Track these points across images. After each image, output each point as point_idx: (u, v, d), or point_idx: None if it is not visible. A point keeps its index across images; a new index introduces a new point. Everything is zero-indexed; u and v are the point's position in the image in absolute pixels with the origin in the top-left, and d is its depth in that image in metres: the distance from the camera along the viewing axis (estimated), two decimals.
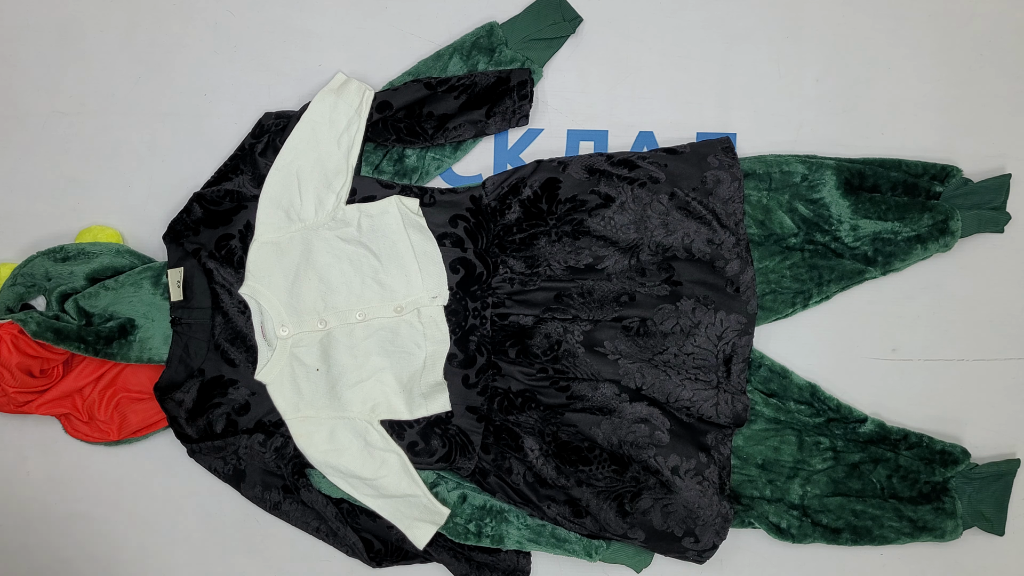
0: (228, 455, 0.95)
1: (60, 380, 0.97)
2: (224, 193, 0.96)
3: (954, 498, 0.92)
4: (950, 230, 0.93)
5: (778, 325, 0.97)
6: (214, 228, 0.96)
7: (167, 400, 0.95)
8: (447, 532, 0.93)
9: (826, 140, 0.98)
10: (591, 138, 0.99)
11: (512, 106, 0.97)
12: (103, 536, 1.01)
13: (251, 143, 0.97)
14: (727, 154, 0.94)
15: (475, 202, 0.95)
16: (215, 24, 1.02)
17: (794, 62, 0.99)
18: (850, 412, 0.94)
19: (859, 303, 0.97)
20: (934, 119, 0.98)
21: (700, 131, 0.99)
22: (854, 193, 0.94)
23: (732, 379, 0.91)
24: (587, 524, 0.91)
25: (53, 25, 1.03)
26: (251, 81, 1.01)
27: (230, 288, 0.95)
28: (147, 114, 1.02)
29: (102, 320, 0.94)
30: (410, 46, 1.00)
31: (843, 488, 0.94)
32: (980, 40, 0.98)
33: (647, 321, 0.92)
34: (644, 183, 0.93)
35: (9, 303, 0.96)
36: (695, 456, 0.91)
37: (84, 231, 1.00)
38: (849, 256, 0.94)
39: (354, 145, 0.96)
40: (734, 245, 0.92)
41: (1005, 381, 0.97)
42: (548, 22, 0.98)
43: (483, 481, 0.93)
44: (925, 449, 0.93)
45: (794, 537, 0.94)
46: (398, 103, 0.95)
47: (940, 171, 0.95)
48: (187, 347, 0.95)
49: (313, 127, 0.95)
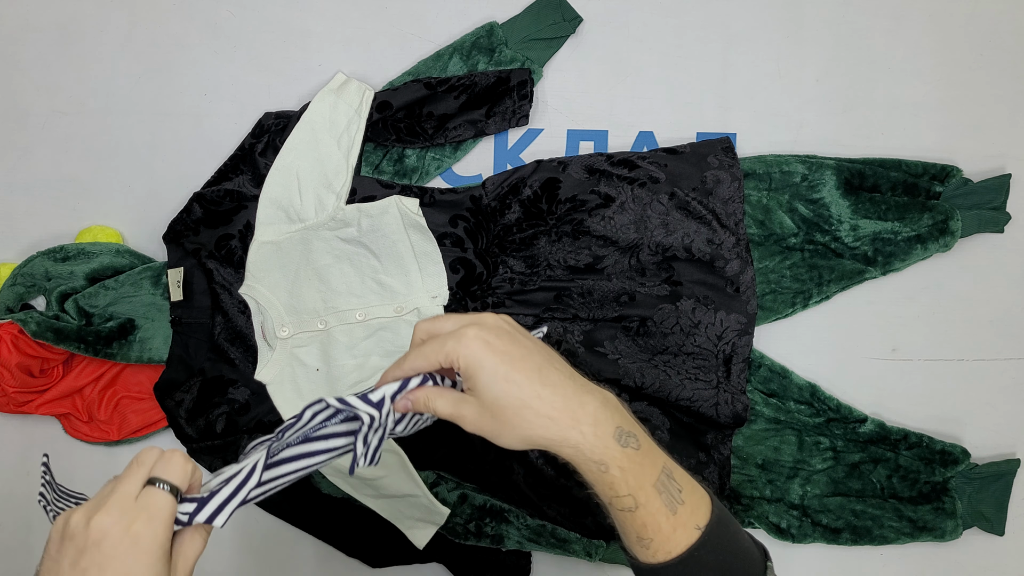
0: (228, 455, 0.95)
1: (60, 380, 0.97)
2: (224, 193, 0.96)
3: (954, 498, 0.92)
4: (950, 230, 0.93)
5: (778, 325, 0.97)
6: (214, 228, 0.96)
7: (167, 400, 0.95)
8: (447, 532, 0.93)
9: (826, 140, 0.98)
10: (591, 138, 0.99)
11: (512, 106, 0.97)
12: None
13: (251, 143, 0.97)
14: (727, 154, 0.94)
15: (475, 202, 0.95)
16: (215, 24, 1.02)
17: (794, 62, 0.99)
18: (850, 412, 0.94)
19: (859, 303, 0.97)
20: (934, 119, 0.98)
21: (700, 131, 0.99)
22: (854, 193, 0.94)
23: (732, 379, 0.91)
24: (587, 524, 0.91)
25: (53, 25, 1.03)
26: (251, 81, 1.01)
27: (230, 288, 0.95)
28: (147, 114, 1.02)
29: (102, 320, 0.95)
30: (410, 46, 1.00)
31: (843, 488, 0.94)
32: (980, 40, 0.98)
33: (647, 321, 0.92)
34: (644, 183, 0.93)
35: (9, 303, 0.96)
36: (695, 456, 0.91)
37: (84, 231, 1.00)
38: (849, 256, 0.94)
39: (354, 145, 0.96)
40: (734, 245, 0.92)
41: (1005, 381, 0.97)
42: (548, 22, 0.98)
43: (483, 481, 0.93)
44: (925, 449, 0.93)
45: (794, 537, 0.94)
46: (398, 103, 0.95)
47: (940, 171, 0.95)
48: (187, 347, 0.95)
49: (313, 127, 0.95)
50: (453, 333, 0.58)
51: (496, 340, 0.57)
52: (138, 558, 0.51)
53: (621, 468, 0.56)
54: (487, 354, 0.57)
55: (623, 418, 0.58)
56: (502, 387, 0.56)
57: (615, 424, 0.56)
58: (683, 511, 0.57)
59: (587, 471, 0.57)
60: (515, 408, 0.56)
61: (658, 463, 0.58)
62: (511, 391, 0.56)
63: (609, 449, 0.56)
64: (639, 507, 0.57)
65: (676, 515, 0.57)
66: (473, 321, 0.59)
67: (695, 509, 0.58)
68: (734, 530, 0.60)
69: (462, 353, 0.57)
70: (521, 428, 0.57)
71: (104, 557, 0.50)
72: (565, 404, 0.56)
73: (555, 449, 0.57)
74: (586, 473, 0.57)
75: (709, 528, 0.58)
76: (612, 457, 0.56)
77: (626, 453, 0.56)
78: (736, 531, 0.61)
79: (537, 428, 0.56)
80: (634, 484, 0.56)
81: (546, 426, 0.56)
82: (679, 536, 0.57)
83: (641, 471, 0.56)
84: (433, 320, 0.61)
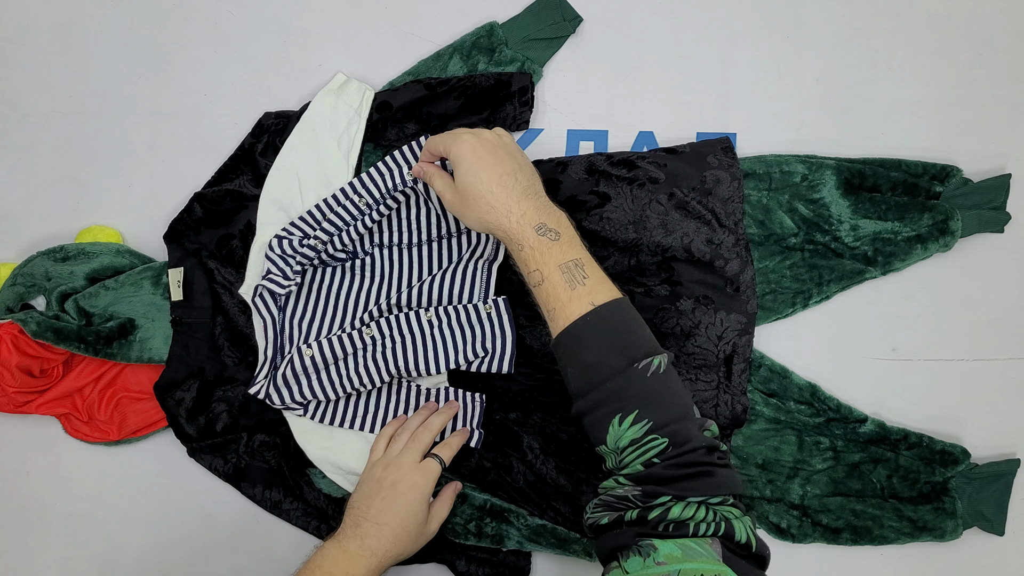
0: (228, 454, 0.95)
1: (60, 380, 0.97)
2: (224, 193, 0.96)
3: (954, 498, 0.92)
4: (950, 230, 0.93)
5: (778, 325, 0.97)
6: (215, 228, 0.96)
7: (167, 399, 0.95)
8: (447, 532, 0.93)
9: (826, 140, 0.98)
10: (591, 138, 0.99)
11: (513, 112, 0.97)
12: (103, 536, 1.01)
13: (251, 143, 0.97)
14: (727, 154, 0.94)
15: None
16: (215, 24, 1.02)
17: (794, 62, 0.99)
18: (850, 412, 0.94)
19: (859, 303, 0.97)
20: (934, 119, 0.98)
21: (700, 131, 0.99)
22: (854, 193, 0.94)
23: (733, 379, 0.91)
24: None
25: (53, 25, 1.03)
26: (251, 81, 1.01)
27: (231, 288, 0.95)
28: (147, 114, 1.02)
29: (102, 320, 0.95)
30: (410, 46, 1.00)
31: (843, 488, 0.94)
32: (980, 40, 0.98)
33: (647, 321, 0.92)
34: (643, 183, 0.93)
35: (9, 303, 0.96)
36: None
37: (84, 231, 1.00)
38: (849, 256, 0.94)
39: (354, 145, 0.96)
40: (734, 245, 0.92)
41: (1005, 381, 0.97)
42: (548, 22, 0.98)
43: (483, 480, 0.93)
44: (925, 449, 0.93)
45: (794, 537, 0.94)
46: (398, 103, 0.95)
47: (940, 171, 0.95)
48: (187, 347, 0.95)
49: (313, 127, 0.95)
50: (455, 134, 0.80)
51: (480, 147, 0.78)
52: (416, 498, 0.84)
53: (532, 248, 0.74)
54: (467, 154, 0.77)
55: (554, 220, 0.76)
56: (469, 179, 0.77)
57: (539, 220, 0.75)
58: (581, 290, 0.73)
59: (512, 251, 0.76)
60: (473, 196, 0.77)
61: (570, 255, 0.74)
62: (474, 183, 0.77)
63: (525, 234, 0.74)
64: (544, 281, 0.74)
65: (574, 291, 0.73)
66: (472, 131, 0.80)
67: (594, 291, 0.73)
68: (633, 318, 0.74)
69: (452, 148, 0.79)
70: (476, 211, 0.77)
71: (397, 493, 0.84)
72: (506, 200, 0.76)
73: (494, 232, 0.77)
74: (511, 253, 0.77)
75: (604, 307, 0.72)
76: (526, 239, 0.74)
77: (540, 239, 0.74)
78: (636, 322, 0.74)
79: (483, 213, 0.77)
80: (540, 261, 0.73)
81: (488, 212, 0.76)
82: (574, 307, 0.73)
83: (549, 253, 0.74)
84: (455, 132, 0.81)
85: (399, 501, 0.83)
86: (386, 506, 0.83)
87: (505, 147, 0.80)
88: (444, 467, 0.88)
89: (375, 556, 0.81)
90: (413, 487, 0.84)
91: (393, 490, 0.84)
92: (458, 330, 0.90)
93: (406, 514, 0.83)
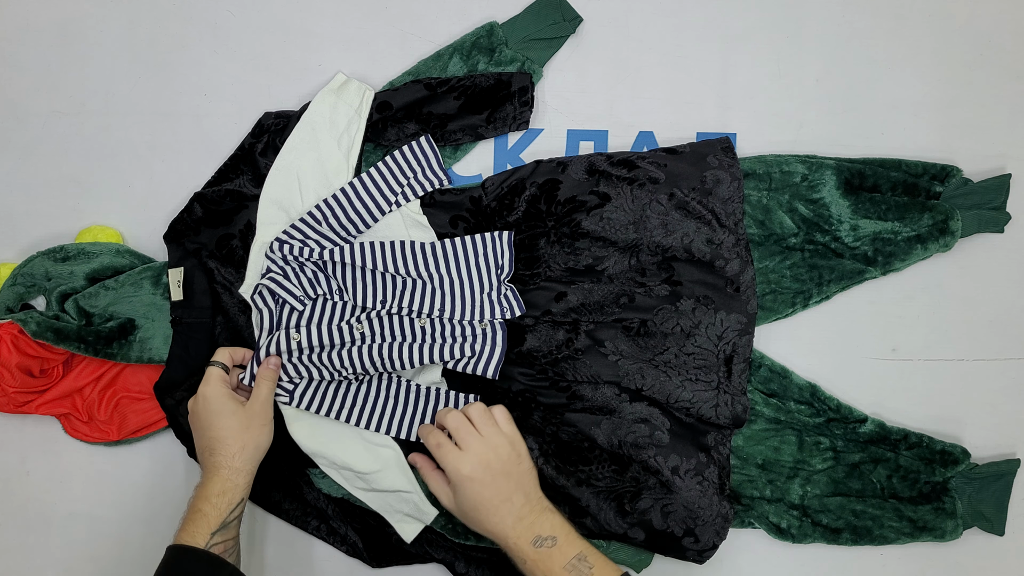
0: None
1: (60, 380, 0.97)
2: (224, 193, 0.96)
3: (954, 498, 0.92)
4: (950, 230, 0.93)
5: (778, 325, 0.97)
6: (215, 228, 0.96)
7: (167, 399, 0.95)
8: (447, 532, 0.93)
9: (826, 140, 0.98)
10: (591, 138, 0.99)
11: (513, 112, 0.97)
12: (103, 536, 1.01)
13: (251, 143, 0.97)
14: (727, 154, 0.94)
15: (474, 203, 0.95)
16: (215, 24, 1.02)
17: (794, 62, 0.99)
18: (850, 412, 0.94)
19: (859, 303, 0.97)
20: (934, 119, 0.98)
21: (700, 131, 0.99)
22: (854, 193, 0.94)
23: (733, 379, 0.91)
24: (587, 524, 0.91)
25: (53, 25, 1.03)
26: (251, 81, 1.01)
27: (231, 288, 0.95)
28: (147, 114, 1.02)
29: (102, 320, 0.94)
30: (410, 46, 1.00)
31: (843, 488, 0.94)
32: (980, 40, 0.98)
33: (647, 322, 0.92)
34: (643, 183, 0.93)
35: (9, 303, 0.96)
36: (695, 456, 0.91)
37: (84, 231, 1.00)
38: (849, 256, 0.94)
39: (354, 145, 0.96)
40: (734, 245, 0.92)
41: (1005, 381, 0.97)
42: (548, 22, 0.98)
43: None
44: (925, 449, 0.93)
45: (794, 537, 0.94)
46: (398, 103, 0.95)
47: (940, 171, 0.95)
48: (187, 347, 0.95)
49: (313, 127, 0.95)
50: (461, 454, 0.83)
51: (483, 474, 0.82)
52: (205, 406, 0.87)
53: (534, 561, 0.80)
54: (466, 486, 0.82)
55: (548, 527, 0.81)
56: (466, 509, 0.83)
57: (534, 535, 0.81)
58: None
59: (516, 563, 0.82)
60: (471, 521, 0.84)
61: (570, 553, 0.79)
62: (471, 515, 0.83)
63: (525, 551, 0.80)
64: None
65: None
66: (473, 449, 0.82)
67: None
68: None
69: (450, 469, 0.83)
70: (476, 527, 0.84)
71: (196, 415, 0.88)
72: (501, 527, 0.81)
73: (495, 542, 0.83)
74: (513, 561, 0.82)
75: None
76: (527, 555, 0.80)
77: (538, 552, 0.80)
78: None
79: (480, 531, 0.83)
80: (544, 570, 0.79)
81: (485, 532, 0.83)
82: None
83: (550, 560, 0.79)
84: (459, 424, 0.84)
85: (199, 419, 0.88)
86: (198, 434, 0.88)
87: (503, 465, 0.83)
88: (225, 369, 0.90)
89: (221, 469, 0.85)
90: (200, 398, 0.87)
91: (194, 417, 0.88)
92: (449, 338, 0.91)
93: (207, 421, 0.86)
